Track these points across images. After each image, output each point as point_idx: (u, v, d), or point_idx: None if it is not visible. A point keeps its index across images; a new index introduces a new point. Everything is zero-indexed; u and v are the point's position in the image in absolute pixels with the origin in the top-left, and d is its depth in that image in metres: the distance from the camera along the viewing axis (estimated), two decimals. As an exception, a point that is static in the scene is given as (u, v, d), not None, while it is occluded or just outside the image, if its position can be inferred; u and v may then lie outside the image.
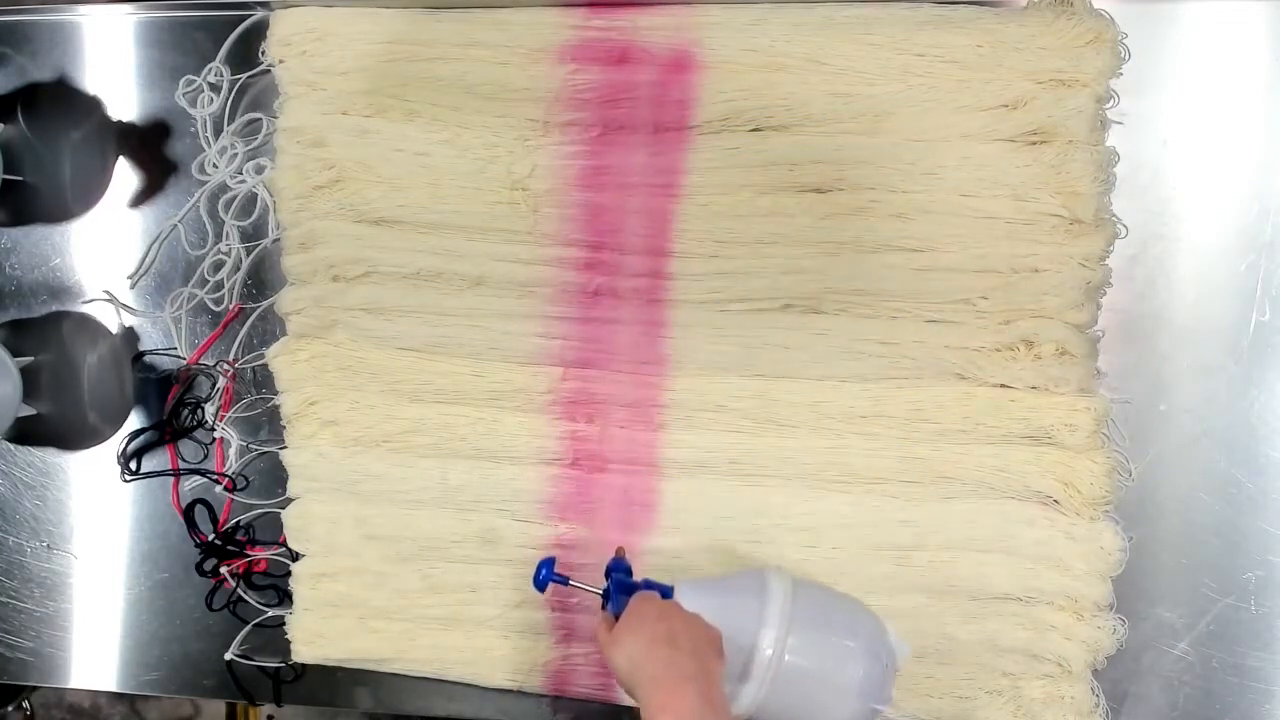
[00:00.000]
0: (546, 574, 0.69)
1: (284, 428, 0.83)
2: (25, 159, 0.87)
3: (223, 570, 0.87)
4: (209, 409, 0.86)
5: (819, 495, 0.78)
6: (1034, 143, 0.73)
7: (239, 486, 0.87)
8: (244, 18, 0.82)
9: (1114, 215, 0.73)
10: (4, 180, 0.83)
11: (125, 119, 0.86)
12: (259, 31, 0.81)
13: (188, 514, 0.87)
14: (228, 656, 0.87)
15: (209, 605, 0.88)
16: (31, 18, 0.86)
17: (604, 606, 0.67)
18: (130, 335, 0.88)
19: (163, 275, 0.87)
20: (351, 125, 0.78)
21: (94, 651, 0.91)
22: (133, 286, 0.87)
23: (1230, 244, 0.76)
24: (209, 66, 0.82)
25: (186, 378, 0.86)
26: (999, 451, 0.75)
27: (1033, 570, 0.76)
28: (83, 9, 0.85)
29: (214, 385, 0.86)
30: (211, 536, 0.87)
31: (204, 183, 0.84)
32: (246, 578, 0.87)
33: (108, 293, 0.88)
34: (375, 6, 0.78)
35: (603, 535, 0.80)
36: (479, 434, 0.80)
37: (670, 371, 0.78)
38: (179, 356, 0.86)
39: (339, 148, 0.78)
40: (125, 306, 0.88)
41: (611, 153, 0.76)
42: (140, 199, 0.87)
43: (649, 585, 0.67)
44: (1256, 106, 0.75)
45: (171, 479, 0.88)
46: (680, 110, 0.76)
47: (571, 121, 0.77)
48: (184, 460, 0.88)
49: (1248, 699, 0.78)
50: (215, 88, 0.83)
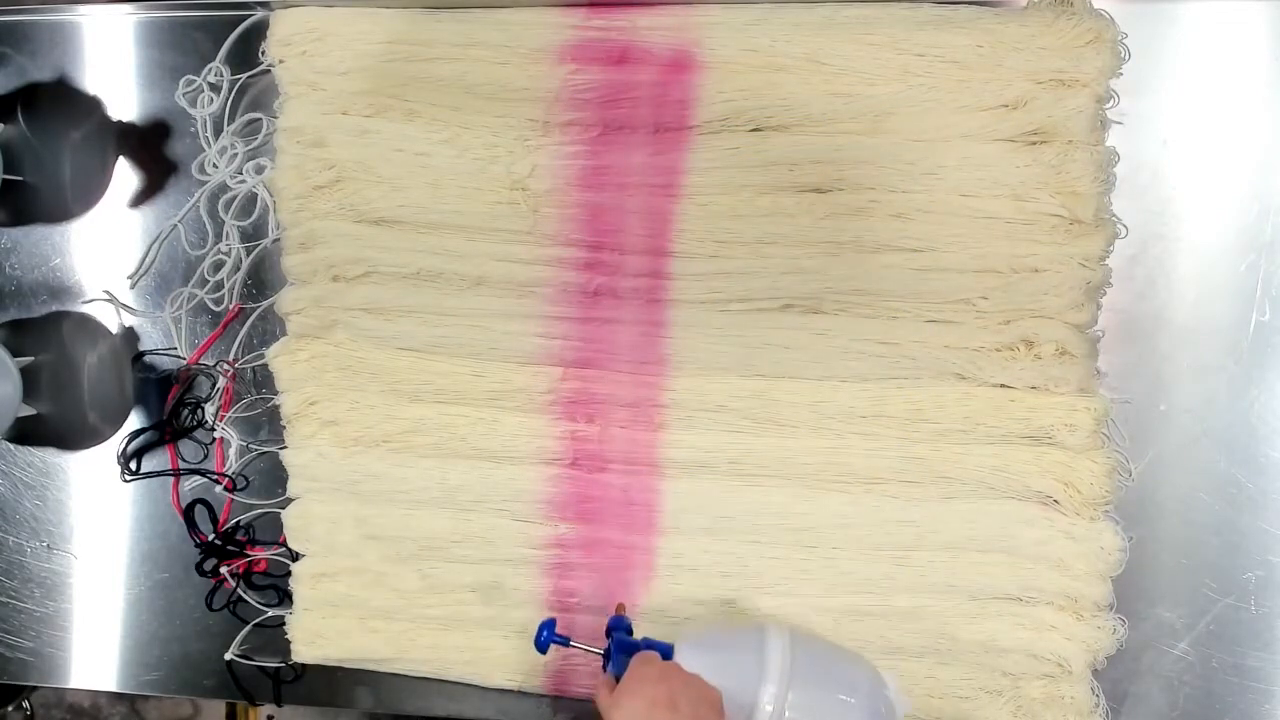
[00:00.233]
0: (548, 635, 0.70)
1: (284, 428, 0.83)
2: (25, 159, 0.87)
3: (223, 570, 0.87)
4: (209, 409, 0.86)
5: (819, 495, 0.78)
6: (1034, 143, 0.73)
7: (239, 486, 0.87)
8: (244, 18, 0.82)
9: (1114, 215, 0.73)
10: (4, 180, 0.83)
11: (125, 119, 0.86)
12: (259, 31, 0.81)
13: (188, 514, 0.87)
14: (228, 656, 0.87)
15: (209, 605, 0.88)
16: (31, 18, 0.86)
17: (605, 668, 0.68)
18: (130, 335, 0.88)
19: (163, 275, 0.87)
20: (351, 125, 0.78)
21: (94, 651, 0.91)
22: (133, 286, 0.87)
23: (1230, 244, 0.76)
24: (209, 66, 0.82)
25: (186, 378, 0.86)
26: (999, 451, 0.75)
27: (1033, 570, 0.76)
28: (83, 9, 0.85)
29: (214, 385, 0.86)
30: (211, 536, 0.87)
31: (204, 183, 0.84)
32: (246, 578, 0.87)
33: (108, 293, 0.88)
34: (375, 6, 0.78)
35: (603, 535, 0.80)
36: (479, 434, 0.80)
37: (670, 371, 0.78)
38: (179, 356, 0.86)
39: (339, 148, 0.78)
40: (125, 306, 0.88)
41: (611, 153, 0.76)
42: (140, 199, 0.87)
43: (649, 645, 0.68)
44: (1256, 106, 0.75)
45: (171, 479, 0.88)
46: (680, 110, 0.76)
47: (571, 121, 0.77)
48: (184, 460, 0.88)
49: (1248, 699, 0.78)
50: (215, 88, 0.83)
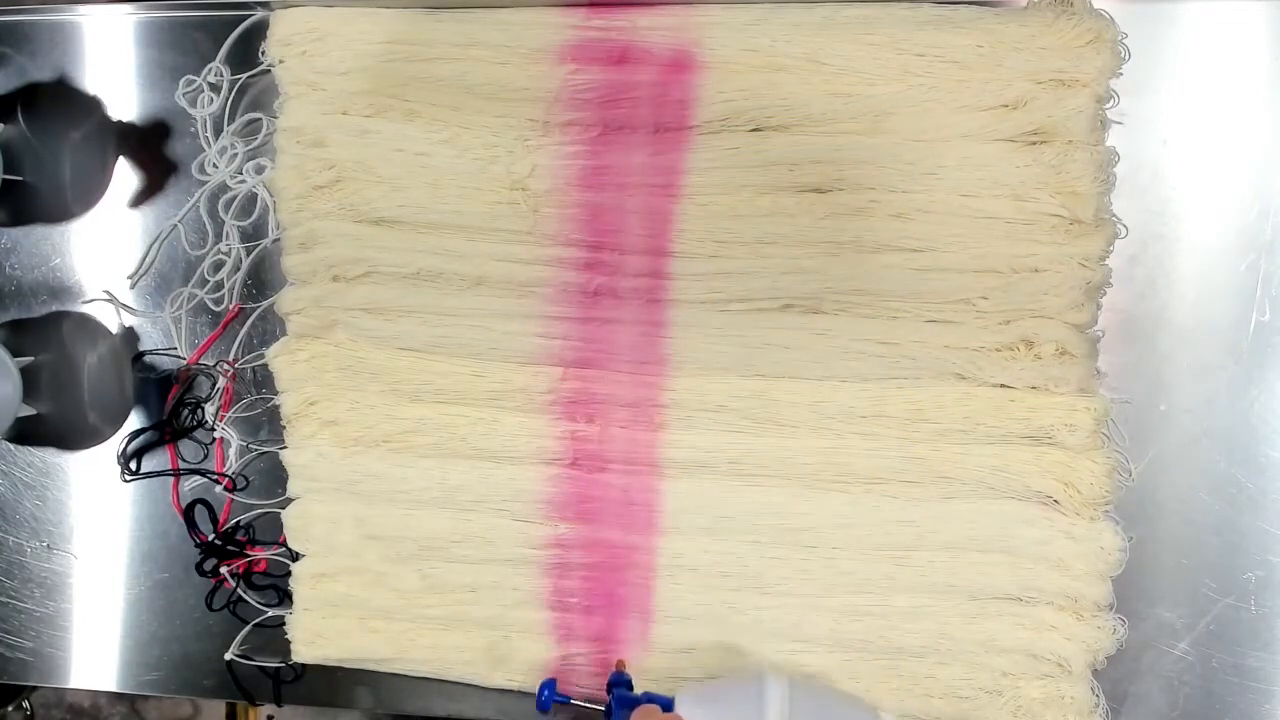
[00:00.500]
0: (549, 695, 0.72)
1: (284, 428, 0.83)
2: (25, 159, 0.87)
3: (223, 570, 0.87)
4: (209, 409, 0.86)
5: (819, 495, 0.78)
6: (1034, 143, 0.73)
7: (239, 486, 0.87)
8: (244, 18, 0.82)
9: (1114, 215, 0.73)
10: (4, 180, 0.83)
11: (125, 119, 0.86)
12: (259, 31, 0.81)
13: (188, 514, 0.87)
14: (228, 656, 0.87)
15: (209, 605, 0.88)
16: (31, 18, 0.86)
17: None
18: (130, 335, 0.88)
19: (163, 275, 0.87)
20: (351, 125, 0.78)
21: (94, 651, 0.91)
22: (133, 286, 0.87)
23: (1230, 244, 0.76)
24: (209, 66, 0.82)
25: (186, 378, 0.86)
26: (999, 451, 0.75)
27: (1033, 570, 0.76)
28: (83, 9, 0.85)
29: (214, 385, 0.86)
30: (211, 536, 0.87)
31: (204, 183, 0.84)
32: (246, 578, 0.87)
33: (108, 293, 0.88)
34: (375, 6, 0.78)
35: (603, 535, 0.80)
36: (479, 434, 0.80)
37: (670, 371, 0.78)
38: (179, 356, 0.86)
39: (339, 148, 0.78)
40: (125, 306, 0.88)
41: (611, 153, 0.76)
42: (140, 199, 0.87)
43: (650, 699, 0.68)
44: (1256, 106, 0.75)
45: (171, 479, 0.88)
46: (680, 110, 0.76)
47: (571, 121, 0.77)
48: (184, 460, 0.88)
49: (1248, 699, 0.78)
50: (215, 88, 0.83)
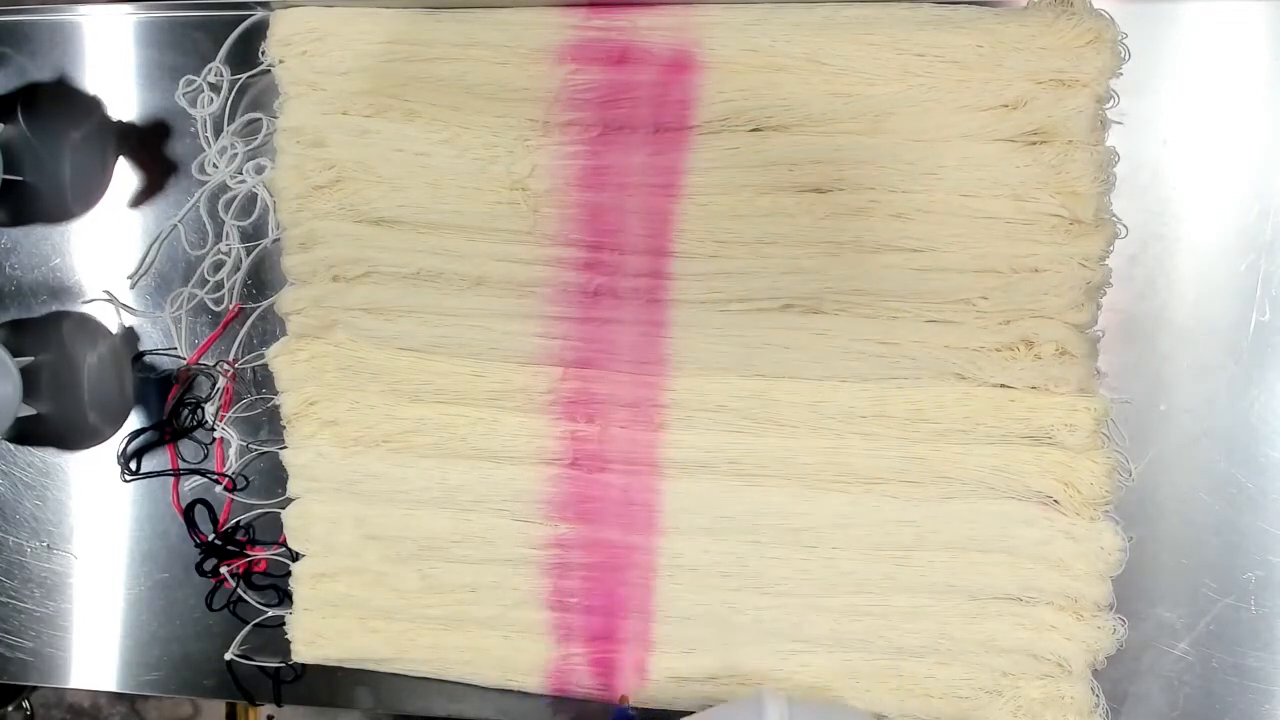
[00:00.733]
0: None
1: (284, 428, 0.83)
2: (25, 159, 0.87)
3: (223, 570, 0.87)
4: (209, 409, 0.86)
5: (819, 495, 0.78)
6: (1034, 143, 0.73)
7: (239, 486, 0.87)
8: (244, 18, 0.82)
9: (1114, 215, 0.73)
10: (4, 180, 0.83)
11: (125, 119, 0.86)
12: (259, 31, 0.81)
13: (188, 514, 0.87)
14: (228, 656, 0.87)
15: (209, 605, 0.88)
16: (31, 18, 0.86)
17: None
18: (130, 335, 0.88)
19: (163, 275, 0.87)
20: (351, 125, 0.78)
21: (94, 651, 0.91)
22: (133, 286, 0.87)
23: (1230, 244, 0.76)
24: (209, 66, 0.82)
25: (186, 378, 0.86)
26: (999, 451, 0.75)
27: (1033, 570, 0.76)
28: (83, 9, 0.85)
29: (214, 385, 0.86)
30: (211, 536, 0.87)
31: (204, 183, 0.84)
32: (246, 578, 0.87)
33: (108, 293, 0.88)
34: (375, 6, 0.78)
35: (603, 535, 0.80)
36: (479, 434, 0.80)
37: (670, 371, 0.78)
38: (179, 356, 0.86)
39: (339, 148, 0.78)
40: (125, 306, 0.88)
41: (611, 153, 0.76)
42: (140, 199, 0.87)
43: None
44: (1256, 106, 0.75)
45: (171, 479, 0.88)
46: (680, 110, 0.76)
47: (571, 121, 0.77)
48: (184, 460, 0.88)
49: (1248, 699, 0.78)
50: (215, 88, 0.83)
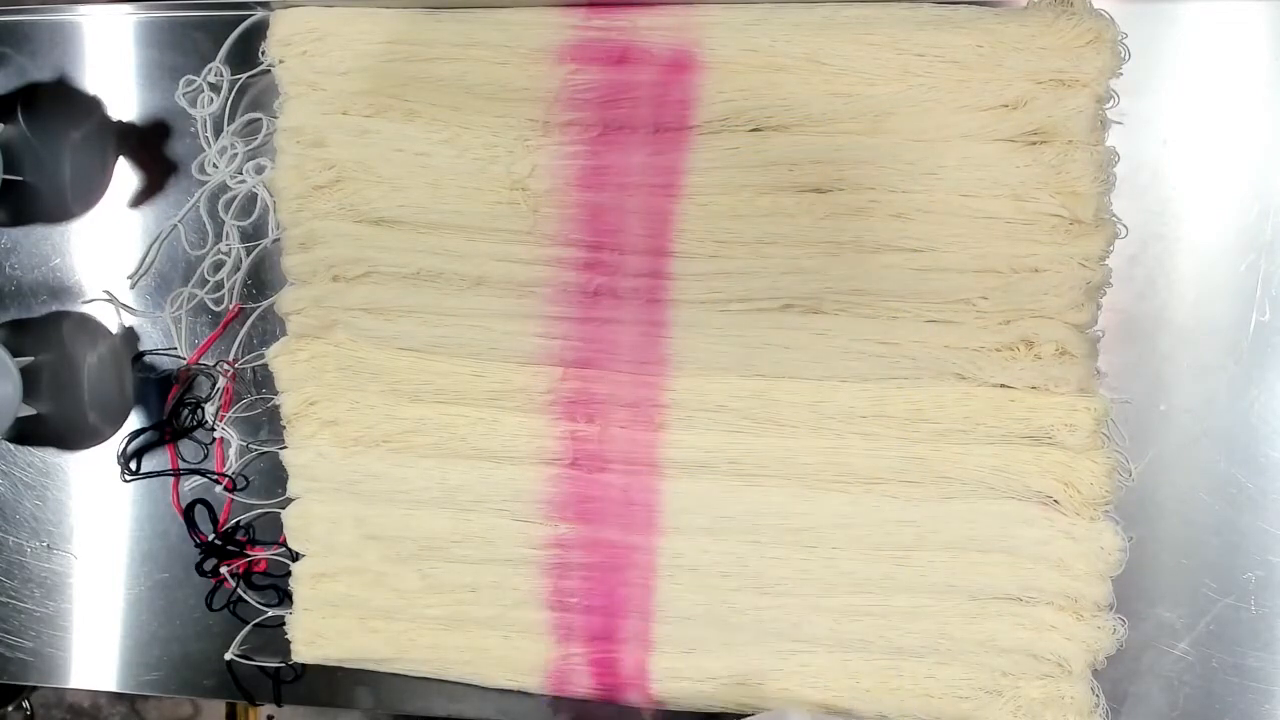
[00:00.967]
0: None
1: (284, 428, 0.83)
2: (25, 159, 0.87)
3: (223, 570, 0.87)
4: (209, 409, 0.86)
5: (819, 495, 0.78)
6: (1034, 143, 0.73)
7: (239, 486, 0.87)
8: (244, 18, 0.82)
9: (1114, 215, 0.73)
10: (4, 180, 0.83)
11: (125, 119, 0.86)
12: (259, 31, 0.81)
13: (188, 514, 0.87)
14: (228, 656, 0.87)
15: (209, 605, 0.88)
16: (31, 18, 0.86)
17: None
18: (130, 335, 0.88)
19: (163, 275, 0.87)
20: (351, 125, 0.78)
21: (94, 651, 0.91)
22: (133, 286, 0.87)
23: (1230, 244, 0.76)
24: (209, 66, 0.82)
25: (186, 378, 0.86)
26: (999, 451, 0.75)
27: (1033, 570, 0.76)
28: (83, 9, 0.85)
29: (214, 385, 0.86)
30: (211, 536, 0.87)
31: (204, 183, 0.84)
32: (246, 578, 0.87)
33: (108, 293, 0.88)
34: (375, 6, 0.78)
35: (603, 535, 0.80)
36: (479, 434, 0.80)
37: (670, 371, 0.78)
38: (179, 356, 0.86)
39: (339, 148, 0.78)
40: (125, 306, 0.88)
41: (611, 153, 0.76)
42: (140, 199, 0.87)
43: None
44: (1256, 106, 0.75)
45: (171, 479, 0.88)
46: (680, 110, 0.76)
47: (571, 121, 0.77)
48: (184, 460, 0.88)
49: (1248, 699, 0.78)
50: (215, 88, 0.83)
